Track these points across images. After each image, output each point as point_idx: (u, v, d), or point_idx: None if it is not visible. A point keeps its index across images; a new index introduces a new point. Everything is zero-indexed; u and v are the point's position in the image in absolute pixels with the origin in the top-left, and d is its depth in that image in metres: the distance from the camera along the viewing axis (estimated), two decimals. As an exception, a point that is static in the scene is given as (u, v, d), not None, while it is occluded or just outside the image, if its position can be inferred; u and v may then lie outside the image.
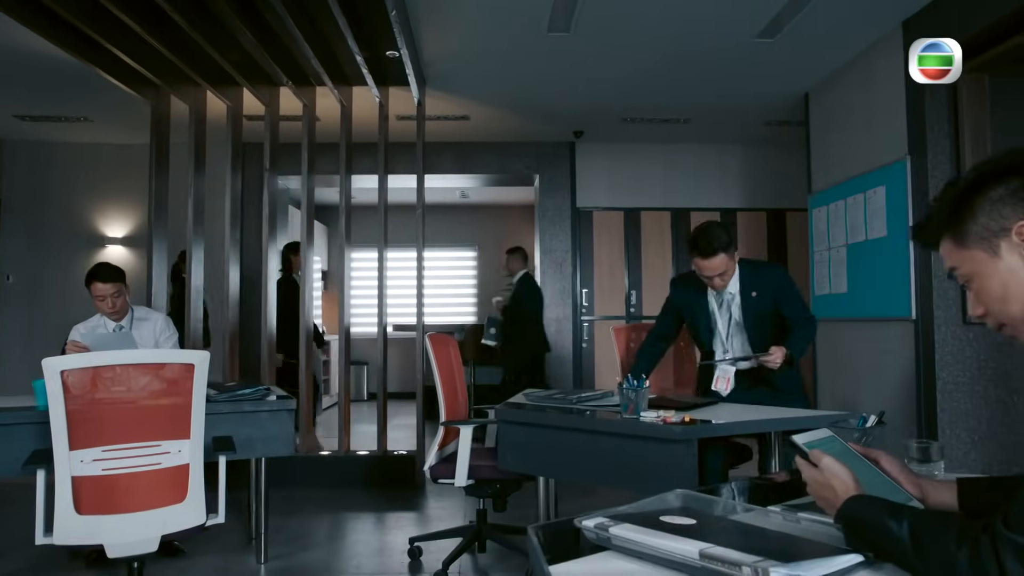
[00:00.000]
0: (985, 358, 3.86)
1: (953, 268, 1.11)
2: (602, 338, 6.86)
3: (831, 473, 1.18)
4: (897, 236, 4.14)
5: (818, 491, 1.20)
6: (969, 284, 1.10)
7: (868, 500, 1.10)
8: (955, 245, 1.08)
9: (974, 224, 1.04)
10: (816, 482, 1.20)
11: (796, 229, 7.02)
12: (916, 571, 0.94)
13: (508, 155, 6.87)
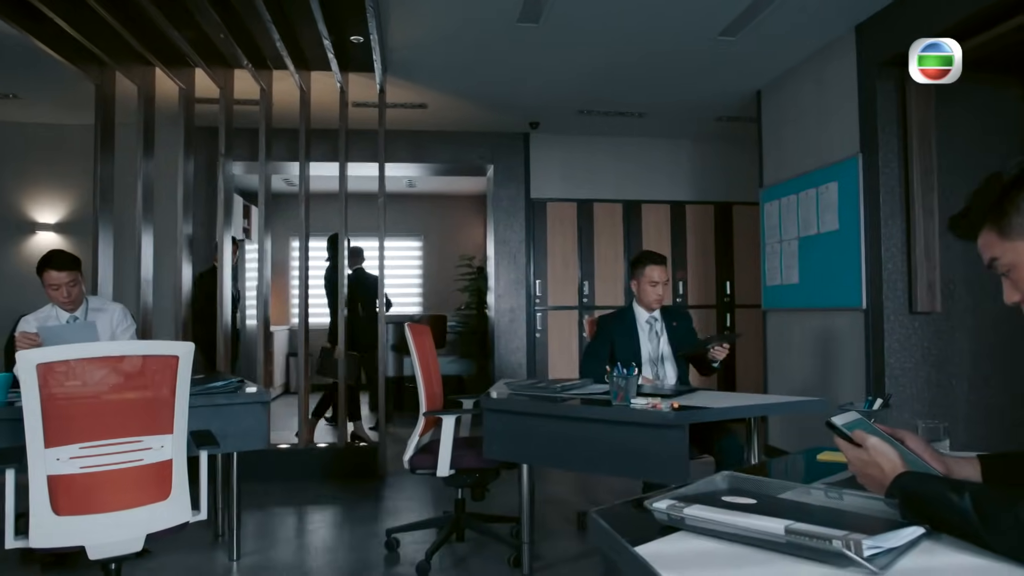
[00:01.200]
0: (928, 345, 4.11)
1: (994, 258, 1.18)
2: (555, 328, 6.94)
3: (878, 452, 1.24)
4: (849, 230, 4.35)
5: (863, 469, 1.26)
6: (1009, 273, 1.18)
7: (921, 476, 1.16)
8: (998, 237, 1.15)
9: (1020, 218, 1.11)
10: (862, 461, 1.26)
11: (743, 222, 7.27)
12: (980, 539, 1.00)
13: (463, 145, 6.84)
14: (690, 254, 7.22)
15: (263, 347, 4.84)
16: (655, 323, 3.47)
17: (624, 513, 1.28)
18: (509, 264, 6.92)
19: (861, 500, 1.24)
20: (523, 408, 2.92)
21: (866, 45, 4.22)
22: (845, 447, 1.31)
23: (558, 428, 2.81)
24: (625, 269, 7.07)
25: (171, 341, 2.45)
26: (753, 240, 7.27)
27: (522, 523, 3.03)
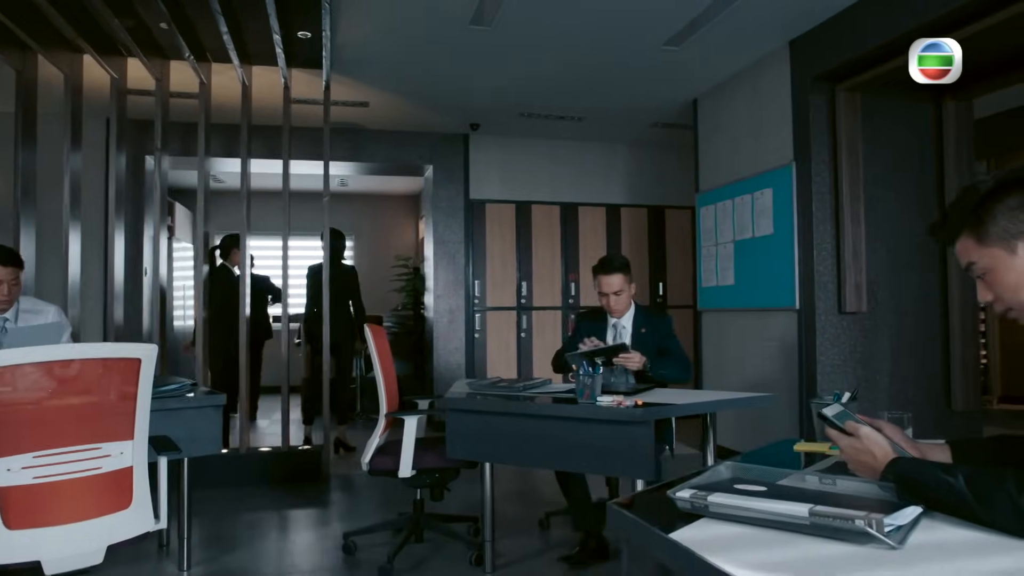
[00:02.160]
0: (855, 343, 4.39)
1: (972, 263, 1.29)
2: (494, 328, 6.99)
3: (871, 441, 1.34)
4: (783, 234, 4.59)
5: (856, 456, 1.36)
6: (984, 276, 1.29)
7: (914, 460, 1.27)
8: (976, 243, 1.27)
9: (994, 226, 1.23)
10: (855, 449, 1.36)
11: (674, 225, 7.53)
12: (975, 515, 1.10)
13: (402, 144, 6.79)
14: (624, 255, 7.41)
15: (204, 348, 4.66)
16: (619, 327, 3.46)
17: (641, 504, 1.34)
18: (448, 264, 6.92)
19: (854, 484, 1.33)
20: (488, 407, 2.96)
21: (799, 60, 4.47)
22: (838, 437, 1.41)
23: (524, 426, 2.85)
24: (562, 271, 7.21)
25: (133, 343, 2.34)
26: (684, 243, 7.56)
27: (484, 522, 3.06)
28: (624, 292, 3.39)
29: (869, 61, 4.06)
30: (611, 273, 3.36)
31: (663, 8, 4.06)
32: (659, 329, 3.44)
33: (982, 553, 1.02)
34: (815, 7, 4.08)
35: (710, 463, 2.99)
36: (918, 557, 1.01)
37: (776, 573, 0.96)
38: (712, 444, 3.01)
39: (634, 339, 3.42)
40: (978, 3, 3.33)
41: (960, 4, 3.38)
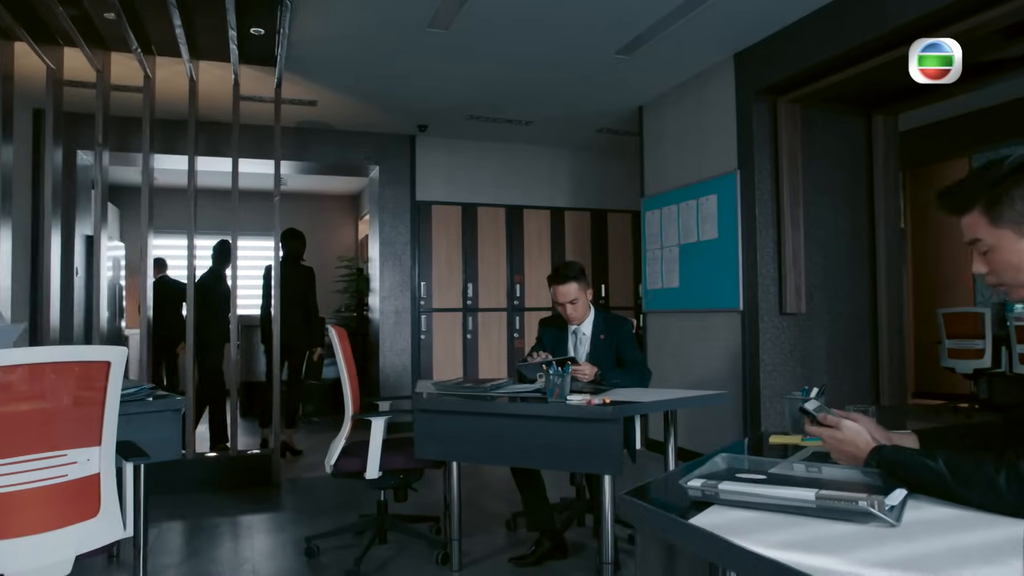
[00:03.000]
0: (794, 343, 4.63)
1: (978, 239, 1.32)
2: (440, 330, 7.00)
3: (853, 432, 1.46)
4: (728, 238, 4.79)
5: (839, 446, 1.47)
6: (987, 253, 1.33)
7: (896, 448, 1.39)
8: (988, 222, 1.30)
9: (1010, 209, 1.27)
10: (837, 439, 1.47)
11: (616, 228, 7.72)
12: (956, 495, 1.22)
13: (348, 144, 6.72)
14: (568, 258, 7.55)
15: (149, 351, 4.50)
16: (579, 334, 3.50)
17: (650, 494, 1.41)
18: (394, 265, 6.89)
19: (838, 471, 1.45)
20: (457, 407, 2.99)
21: (743, 72, 4.68)
22: (819, 430, 1.52)
23: (494, 426, 2.90)
24: (507, 272, 7.28)
25: (103, 345, 2.27)
26: (626, 246, 7.77)
27: (451, 521, 3.09)
28: (580, 300, 3.40)
29: (808, 77, 4.30)
30: (565, 282, 3.36)
31: (618, 18, 4.18)
32: (618, 335, 3.45)
33: (969, 528, 1.14)
34: (759, 24, 4.29)
35: (672, 458, 3.11)
36: (915, 533, 1.12)
37: (793, 551, 1.05)
38: (673, 440, 3.13)
39: (593, 345, 3.46)
40: (904, 31, 3.59)
41: (890, 30, 3.63)
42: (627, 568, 3.11)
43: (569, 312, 3.41)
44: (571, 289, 3.36)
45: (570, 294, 3.37)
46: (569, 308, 3.40)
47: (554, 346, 3.53)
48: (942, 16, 3.40)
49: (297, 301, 5.49)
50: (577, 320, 3.47)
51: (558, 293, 3.38)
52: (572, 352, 3.50)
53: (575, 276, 3.38)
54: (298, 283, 5.52)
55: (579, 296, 3.39)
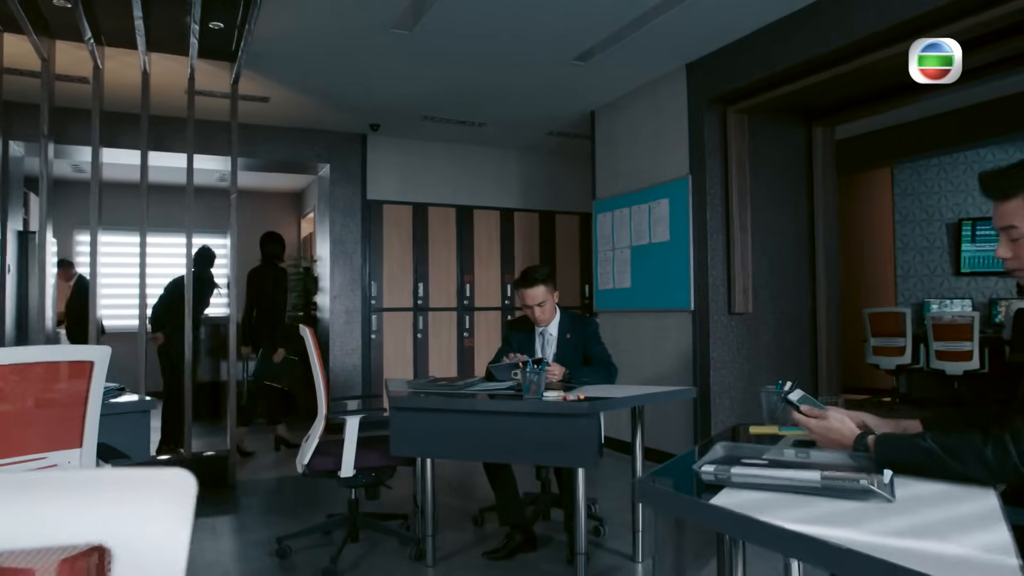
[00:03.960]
0: (741, 341, 4.86)
1: (1013, 226, 1.43)
2: (391, 329, 6.98)
3: (839, 420, 1.60)
4: (679, 241, 4.98)
5: (827, 434, 1.61)
6: (1016, 240, 1.45)
7: (885, 434, 1.53)
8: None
9: None
10: (825, 427, 1.61)
11: (564, 229, 7.87)
12: (948, 471, 1.34)
13: (298, 141, 6.64)
14: (517, 259, 7.65)
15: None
16: (546, 335, 3.58)
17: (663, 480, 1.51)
18: (345, 265, 6.83)
19: (824, 455, 1.58)
20: (434, 405, 3.04)
21: (695, 82, 4.88)
22: (805, 419, 1.66)
23: (471, 423, 2.97)
24: (458, 272, 7.32)
25: (86, 345, 2.22)
26: (573, 247, 7.93)
27: (425, 516, 3.14)
28: (547, 302, 3.47)
29: (756, 89, 4.53)
30: (533, 286, 3.43)
31: (579, 26, 4.30)
32: (584, 334, 3.55)
33: (955, 501, 1.28)
34: (710, 37, 4.49)
35: (639, 453, 3.25)
36: (911, 506, 1.25)
37: (809, 524, 1.16)
38: (641, 435, 3.26)
39: (560, 345, 3.55)
40: (844, 51, 3.85)
41: (830, 50, 3.88)
42: (595, 558, 3.22)
43: (537, 314, 3.49)
44: (539, 292, 3.44)
45: (538, 297, 3.44)
46: (537, 311, 3.47)
47: (522, 348, 3.60)
48: (882, 38, 3.66)
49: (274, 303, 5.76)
50: (544, 322, 3.55)
51: (526, 296, 3.45)
52: (539, 353, 3.58)
53: (543, 279, 3.45)
54: (276, 285, 5.81)
55: (546, 299, 3.47)
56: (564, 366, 3.41)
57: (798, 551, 1.13)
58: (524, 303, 3.48)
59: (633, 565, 3.18)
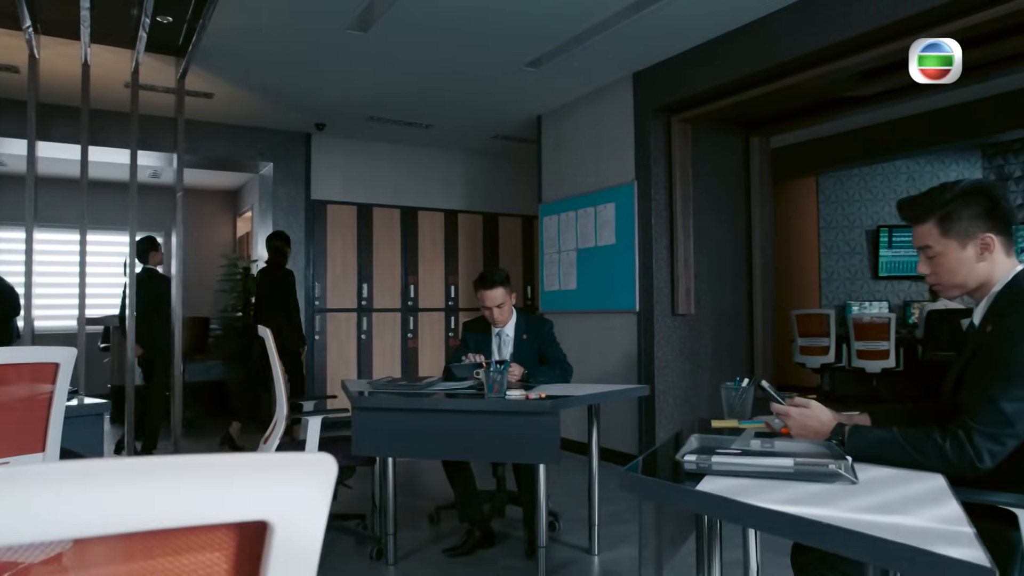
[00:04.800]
0: (683, 342, 5.07)
1: (929, 246, 1.65)
2: (335, 330, 6.93)
3: (819, 409, 1.73)
4: (625, 244, 5.15)
5: (804, 423, 1.73)
6: (934, 259, 1.66)
7: (856, 426, 1.67)
8: (939, 233, 1.64)
9: (957, 224, 1.62)
10: (804, 416, 1.74)
11: (507, 231, 7.98)
12: (910, 460, 1.49)
13: (240, 139, 6.50)
14: (461, 260, 7.71)
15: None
16: (503, 336, 3.66)
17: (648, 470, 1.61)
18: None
19: (787, 444, 1.72)
20: (397, 405, 3.07)
21: (641, 90, 5.06)
22: (786, 409, 1.78)
23: (434, 421, 3.02)
24: (402, 273, 7.32)
25: (51, 347, 2.16)
26: (516, 249, 8.05)
27: (386, 516, 3.17)
28: (505, 304, 3.55)
29: (699, 100, 4.74)
30: (492, 288, 3.51)
31: (533, 34, 4.40)
32: (540, 335, 3.65)
33: (909, 482, 1.43)
34: (658, 47, 4.67)
35: (595, 449, 3.36)
36: (873, 487, 1.39)
37: (788, 505, 1.28)
38: (596, 432, 3.37)
39: (516, 345, 3.63)
40: (781, 68, 4.09)
41: (773, 65, 4.11)
42: (553, 552, 3.32)
43: (495, 316, 3.57)
44: (498, 294, 3.52)
45: (497, 299, 3.53)
46: (495, 312, 3.56)
47: (479, 348, 3.67)
48: (818, 57, 3.91)
49: (278, 304, 5.76)
50: (501, 323, 3.63)
51: (485, 298, 3.53)
52: (497, 353, 3.66)
53: (501, 282, 3.54)
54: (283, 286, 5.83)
55: (505, 300, 3.55)
56: (524, 366, 3.50)
57: (782, 528, 1.24)
58: (483, 304, 3.55)
59: (589, 557, 3.30)
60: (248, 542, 0.53)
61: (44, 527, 0.46)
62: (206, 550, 0.52)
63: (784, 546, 2.77)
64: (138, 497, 0.48)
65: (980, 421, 1.46)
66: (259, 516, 0.52)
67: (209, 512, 0.50)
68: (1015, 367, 1.48)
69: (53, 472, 0.47)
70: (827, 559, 1.67)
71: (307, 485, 0.54)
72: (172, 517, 0.50)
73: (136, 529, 0.49)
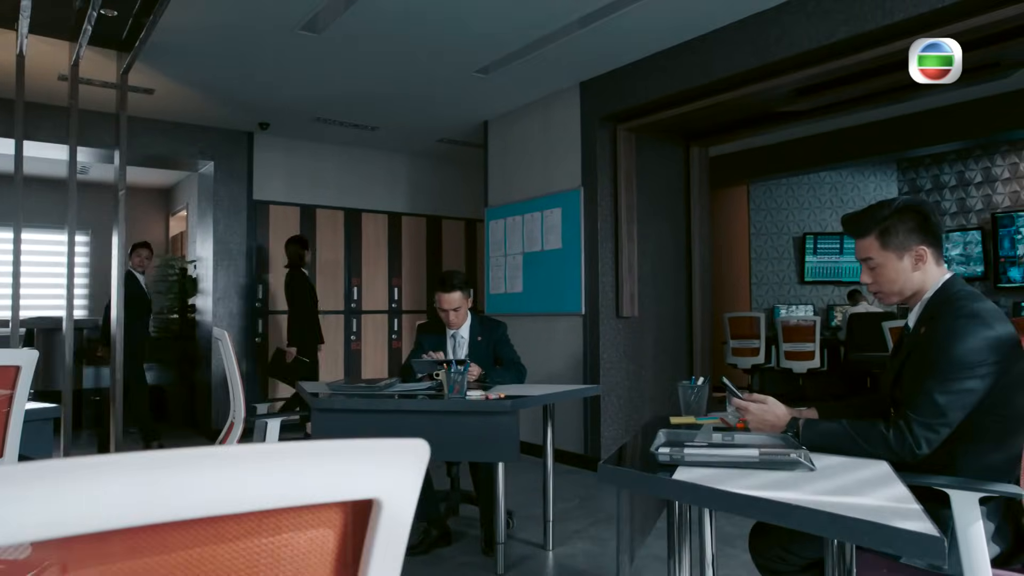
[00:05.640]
0: (627, 343, 5.24)
1: (870, 257, 1.83)
2: (278, 333, 6.82)
3: (775, 404, 1.88)
4: (571, 249, 5.29)
5: (763, 416, 1.88)
6: (875, 268, 1.84)
7: (809, 420, 1.82)
8: (879, 246, 1.82)
9: (895, 238, 1.80)
10: (762, 411, 1.88)
11: (450, 234, 8.03)
12: (858, 448, 1.65)
13: (180, 136, 6.34)
14: (404, 263, 7.72)
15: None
16: (458, 338, 3.72)
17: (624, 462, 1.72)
18: (229, 266, 6.60)
19: (744, 436, 1.86)
20: (359, 406, 3.10)
21: (588, 99, 5.22)
22: (746, 404, 1.92)
23: (396, 422, 3.06)
24: (345, 275, 7.28)
25: (12, 350, 2.11)
26: (459, 251, 8.11)
27: (345, 517, 3.19)
28: (463, 307, 3.63)
29: (643, 110, 4.93)
30: (451, 291, 3.59)
31: (485, 42, 4.49)
32: (494, 337, 3.75)
33: (859, 468, 1.59)
34: (604, 58, 4.83)
35: (550, 447, 3.47)
36: (828, 473, 1.54)
37: (758, 490, 1.41)
38: (551, 431, 3.48)
39: (471, 347, 3.71)
40: (720, 84, 4.32)
41: (715, 80, 4.32)
42: (509, 548, 3.41)
43: (452, 318, 3.64)
44: (456, 297, 3.60)
45: (455, 302, 3.60)
46: (452, 315, 3.62)
47: (434, 349, 3.72)
48: (758, 74, 4.14)
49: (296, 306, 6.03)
50: (457, 325, 3.70)
51: (444, 300, 3.59)
52: (452, 354, 3.73)
53: (460, 286, 3.62)
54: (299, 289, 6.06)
55: (463, 304, 3.63)
56: (480, 367, 3.58)
57: (756, 511, 1.37)
58: (441, 307, 3.61)
59: (545, 552, 3.40)
60: (354, 519, 0.60)
61: (203, 503, 0.52)
62: (320, 527, 0.59)
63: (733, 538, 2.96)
64: (271, 479, 0.55)
65: (918, 413, 1.63)
66: (370, 494, 0.59)
67: (329, 491, 0.57)
68: (946, 365, 1.66)
69: (204, 456, 0.52)
70: (782, 542, 1.82)
71: (408, 466, 0.61)
72: (298, 496, 0.56)
73: (270, 507, 0.55)
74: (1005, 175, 7.66)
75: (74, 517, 0.49)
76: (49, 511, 0.48)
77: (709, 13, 4.12)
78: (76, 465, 0.49)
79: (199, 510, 0.53)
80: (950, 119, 6.44)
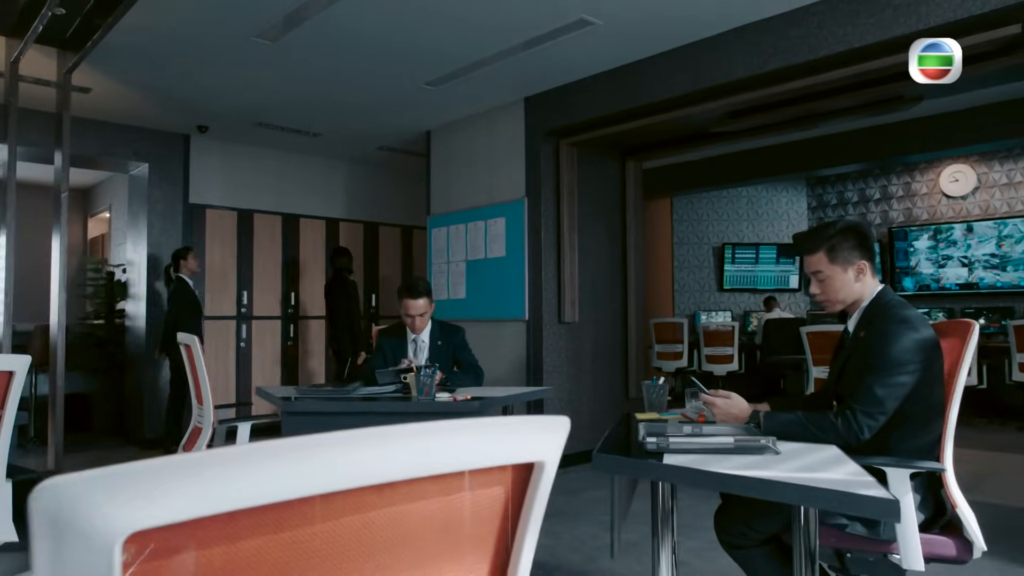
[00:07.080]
0: (568, 348, 5.50)
1: (819, 271, 2.11)
2: (213, 338, 6.70)
3: (738, 399, 2.14)
4: (515, 257, 5.50)
5: (728, 410, 2.13)
6: (823, 281, 2.12)
7: (770, 412, 2.08)
8: (827, 261, 2.09)
9: (840, 253, 2.08)
10: (727, 405, 2.13)
11: (387, 241, 8.10)
12: (811, 436, 1.93)
13: (111, 137, 6.16)
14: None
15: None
16: (419, 342, 3.85)
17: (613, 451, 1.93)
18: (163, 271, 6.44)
19: (714, 427, 2.11)
20: (328, 409, 3.19)
21: (532, 114, 5.45)
22: (712, 399, 2.17)
23: (365, 424, 3.15)
24: (283, 281, 7.23)
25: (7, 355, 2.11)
26: (395, 258, 8.18)
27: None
28: (426, 313, 3.81)
29: (584, 127, 5.21)
30: (417, 297, 3.73)
31: (434, 57, 4.65)
32: (453, 341, 3.93)
33: (816, 452, 1.85)
34: (548, 76, 5.07)
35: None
36: (792, 456, 1.80)
37: (735, 470, 1.65)
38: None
39: (432, 351, 3.85)
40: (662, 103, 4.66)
41: (653, 101, 4.65)
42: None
43: (416, 323, 3.78)
44: (421, 303, 3.75)
45: (420, 308, 3.75)
46: (417, 320, 3.77)
47: (395, 353, 3.84)
48: (693, 98, 4.48)
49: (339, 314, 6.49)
50: (419, 330, 3.84)
51: (410, 307, 3.73)
52: (412, 358, 3.85)
53: (425, 292, 3.78)
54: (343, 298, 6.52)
55: (427, 309, 3.79)
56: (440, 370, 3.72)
57: (741, 488, 1.60)
58: (406, 312, 3.74)
59: (504, 546, 3.57)
60: (520, 478, 0.77)
61: (413, 463, 0.68)
62: (495, 485, 0.76)
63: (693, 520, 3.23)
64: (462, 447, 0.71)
65: (861, 404, 1.92)
66: (536, 458, 0.76)
67: (506, 456, 0.74)
68: (883, 363, 1.96)
69: (404, 432, 0.68)
70: (745, 519, 2.08)
71: (560, 436, 0.79)
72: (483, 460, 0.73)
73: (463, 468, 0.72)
74: (900, 193, 8.43)
75: (321, 480, 0.65)
76: (308, 475, 0.63)
77: (650, 41, 4.43)
78: (320, 441, 0.65)
79: (413, 471, 0.69)
80: (853, 143, 7.07)
